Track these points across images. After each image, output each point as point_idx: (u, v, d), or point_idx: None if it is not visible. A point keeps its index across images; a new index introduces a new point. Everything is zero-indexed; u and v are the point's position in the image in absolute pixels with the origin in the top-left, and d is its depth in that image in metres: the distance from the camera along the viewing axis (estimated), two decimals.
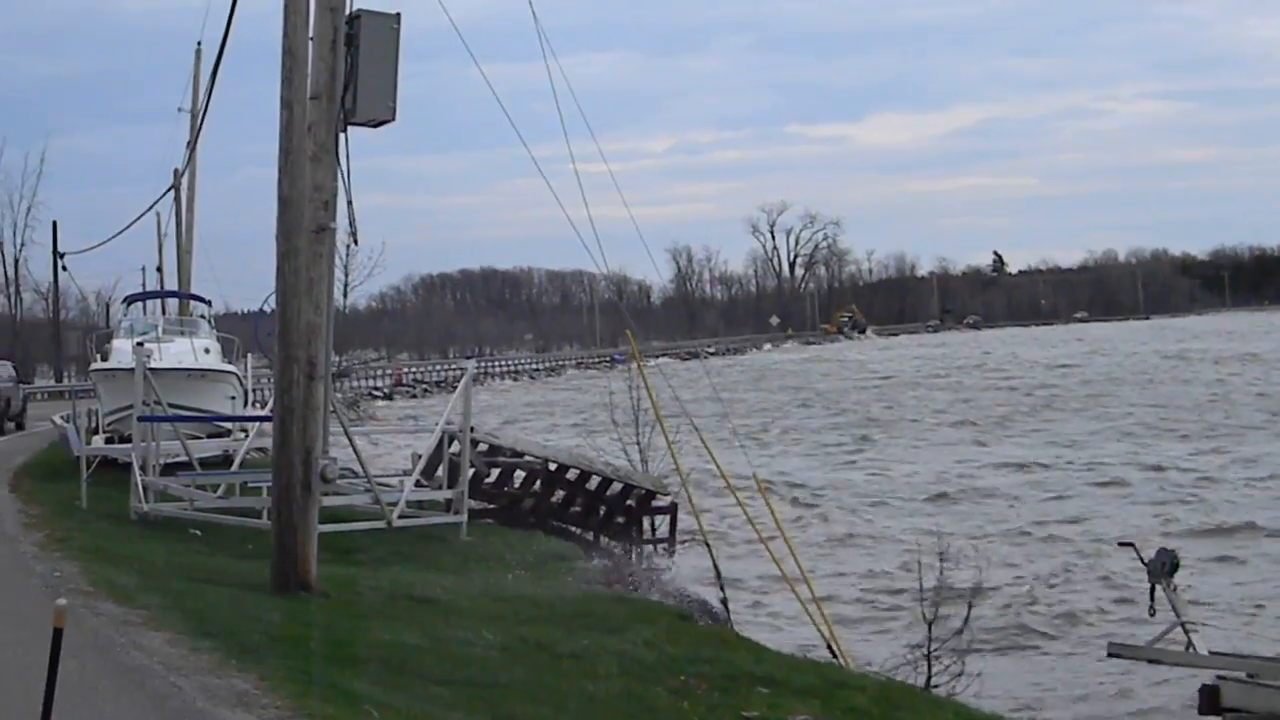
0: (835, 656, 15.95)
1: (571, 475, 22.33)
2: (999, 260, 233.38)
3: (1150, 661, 12.25)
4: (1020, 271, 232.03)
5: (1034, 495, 31.57)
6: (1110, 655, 12.53)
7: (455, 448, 19.55)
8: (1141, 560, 12.11)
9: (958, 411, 55.97)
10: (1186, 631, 11.47)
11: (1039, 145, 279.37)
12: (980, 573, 17.82)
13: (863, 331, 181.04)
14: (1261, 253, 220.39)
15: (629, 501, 22.05)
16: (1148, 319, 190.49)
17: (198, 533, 17.72)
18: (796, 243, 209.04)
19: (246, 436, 23.05)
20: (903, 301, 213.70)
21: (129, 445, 20.30)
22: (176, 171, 42.73)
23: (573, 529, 22.22)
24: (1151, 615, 11.93)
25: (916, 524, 26.58)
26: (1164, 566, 11.89)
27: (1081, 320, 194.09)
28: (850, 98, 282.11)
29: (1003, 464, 37.65)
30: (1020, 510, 29.27)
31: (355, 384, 77.59)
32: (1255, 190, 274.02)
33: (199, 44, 41.73)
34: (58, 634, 4.23)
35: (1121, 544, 17.03)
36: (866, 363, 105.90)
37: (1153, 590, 11.75)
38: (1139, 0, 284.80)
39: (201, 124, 32.52)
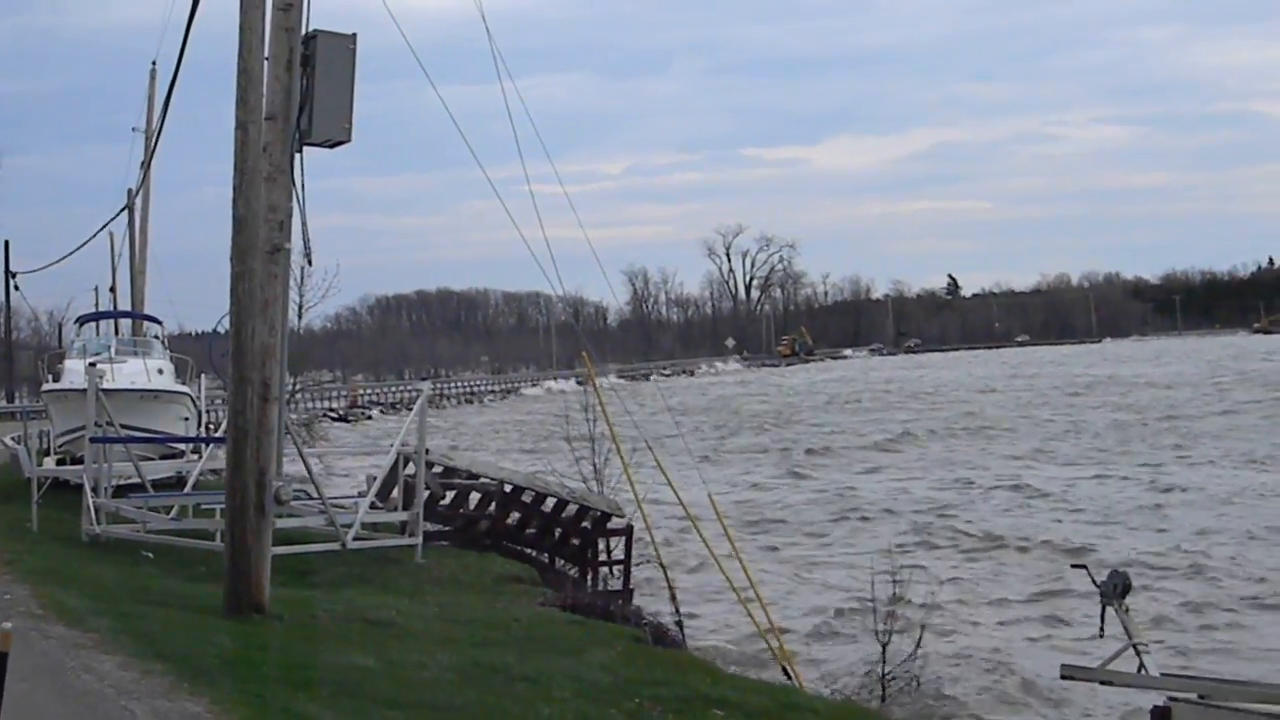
0: (789, 678, 16.00)
1: (527, 497, 22.24)
2: (953, 283, 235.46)
3: (1102, 683, 12.30)
4: (975, 294, 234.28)
5: (973, 512, 31.82)
6: (1062, 677, 12.56)
7: (410, 469, 19.47)
8: (1094, 582, 12.18)
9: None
10: (1138, 653, 11.52)
11: (993, 169, 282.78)
12: (932, 593, 17.91)
13: (810, 354, 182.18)
14: (1212, 276, 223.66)
15: (584, 523, 21.95)
16: (1099, 342, 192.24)
17: (150, 555, 17.58)
18: (752, 265, 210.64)
19: (200, 458, 22.88)
20: (858, 324, 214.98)
21: (81, 467, 20.12)
22: (130, 191, 42.48)
23: (528, 551, 22.11)
24: (1100, 636, 12.00)
25: (865, 545, 26.67)
26: (1116, 588, 11.96)
27: (1023, 344, 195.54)
28: (806, 121, 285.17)
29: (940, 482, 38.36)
30: (958, 527, 29.43)
31: (309, 405, 76.66)
32: (1206, 215, 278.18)
33: (154, 64, 41.65)
34: (2, 658, 4.20)
35: (1074, 566, 17.17)
36: (796, 386, 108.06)
37: (1103, 611, 11.82)
38: (1091, 26, 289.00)
39: (156, 144, 32.45)
